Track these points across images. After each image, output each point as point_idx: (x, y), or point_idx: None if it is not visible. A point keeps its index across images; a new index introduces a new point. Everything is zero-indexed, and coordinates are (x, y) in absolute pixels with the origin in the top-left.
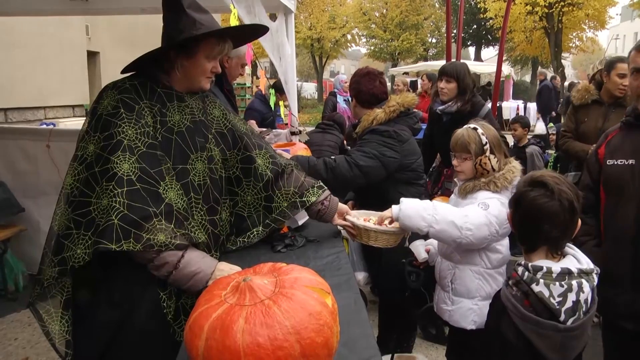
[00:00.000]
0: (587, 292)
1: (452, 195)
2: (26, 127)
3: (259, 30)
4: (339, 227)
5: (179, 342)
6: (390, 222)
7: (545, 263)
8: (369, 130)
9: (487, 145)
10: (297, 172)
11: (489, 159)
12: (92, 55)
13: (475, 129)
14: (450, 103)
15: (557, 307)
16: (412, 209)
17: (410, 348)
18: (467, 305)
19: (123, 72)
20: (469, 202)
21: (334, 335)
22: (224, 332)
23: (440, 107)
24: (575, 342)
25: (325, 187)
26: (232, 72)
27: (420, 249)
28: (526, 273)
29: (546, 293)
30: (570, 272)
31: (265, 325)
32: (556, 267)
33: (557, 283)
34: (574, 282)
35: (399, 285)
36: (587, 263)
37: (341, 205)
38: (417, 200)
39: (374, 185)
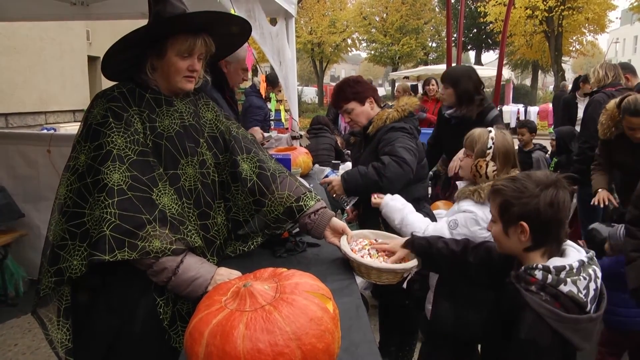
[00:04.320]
0: (599, 276)
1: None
2: (27, 132)
3: (237, 25)
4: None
5: (175, 348)
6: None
7: (559, 261)
8: (389, 128)
9: (490, 151)
10: (291, 179)
11: (487, 165)
12: (92, 60)
13: (489, 131)
14: (455, 109)
15: (585, 299)
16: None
17: (412, 352)
18: None
19: (108, 77)
20: (456, 209)
21: (335, 341)
22: (224, 338)
23: (449, 111)
24: (599, 326)
25: (321, 198)
26: (233, 78)
27: None
28: (549, 276)
29: (575, 290)
30: (584, 262)
31: (266, 331)
32: (573, 262)
33: (581, 277)
34: (590, 271)
35: (401, 290)
36: (582, 249)
37: (337, 223)
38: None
39: (385, 185)
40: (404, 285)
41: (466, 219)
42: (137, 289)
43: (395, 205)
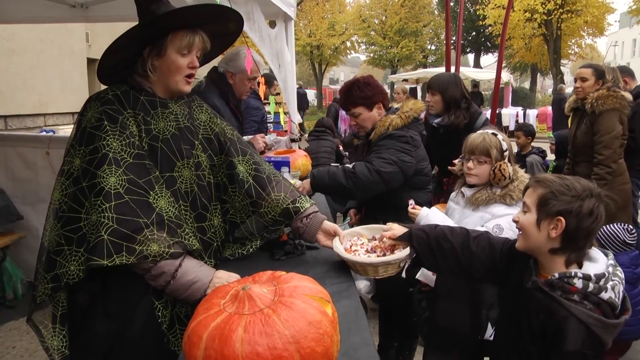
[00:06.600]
0: (623, 277)
1: (451, 204)
2: (26, 134)
3: (235, 22)
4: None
5: (173, 351)
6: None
7: (595, 268)
8: (387, 135)
9: (507, 152)
10: (285, 182)
11: (507, 166)
12: (92, 63)
13: (495, 134)
14: (444, 116)
15: (618, 302)
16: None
17: (412, 356)
18: None
19: (100, 80)
20: (481, 215)
21: (334, 345)
22: (223, 342)
23: (436, 121)
24: None
25: (314, 202)
26: (239, 89)
27: (429, 274)
28: (590, 284)
29: (613, 296)
30: (612, 266)
31: (265, 335)
32: (607, 267)
33: (616, 281)
34: (618, 273)
35: (400, 293)
36: (599, 249)
37: (328, 225)
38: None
39: (350, 188)
40: (403, 275)
41: (509, 222)
42: (136, 293)
43: (436, 217)
